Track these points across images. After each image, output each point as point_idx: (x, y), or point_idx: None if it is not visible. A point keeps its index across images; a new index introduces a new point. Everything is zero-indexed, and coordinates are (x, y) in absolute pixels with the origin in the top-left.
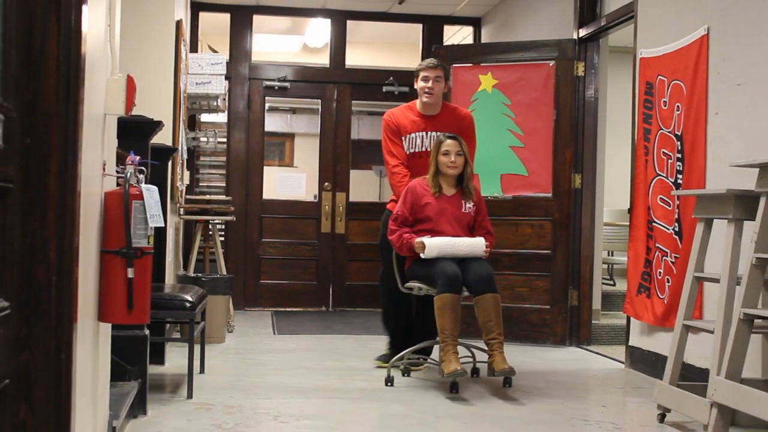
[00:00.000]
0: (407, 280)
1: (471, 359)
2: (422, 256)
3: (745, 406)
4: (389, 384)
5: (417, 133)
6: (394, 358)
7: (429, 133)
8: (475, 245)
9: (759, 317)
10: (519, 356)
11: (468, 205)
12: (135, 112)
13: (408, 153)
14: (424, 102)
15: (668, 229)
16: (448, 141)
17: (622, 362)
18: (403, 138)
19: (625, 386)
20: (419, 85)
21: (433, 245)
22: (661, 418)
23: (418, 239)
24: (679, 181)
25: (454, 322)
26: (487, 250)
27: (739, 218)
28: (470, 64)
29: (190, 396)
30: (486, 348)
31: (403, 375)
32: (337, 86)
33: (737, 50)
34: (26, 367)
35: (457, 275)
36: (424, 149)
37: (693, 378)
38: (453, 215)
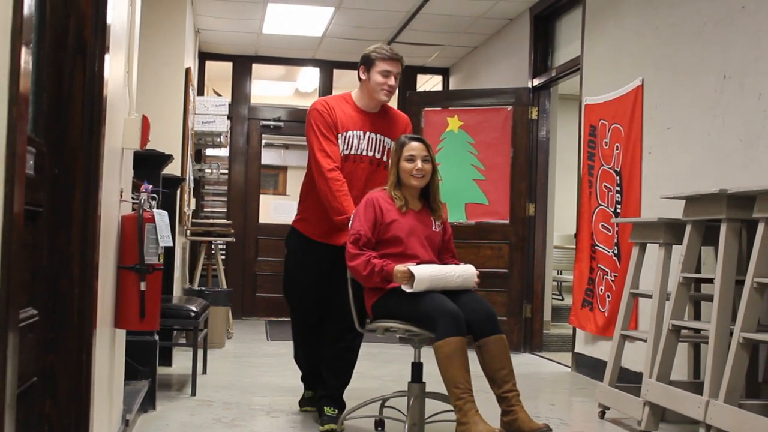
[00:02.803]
0: (367, 318)
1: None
2: (407, 290)
3: (674, 405)
4: None
5: (354, 132)
6: (343, 415)
7: (367, 133)
8: (467, 275)
9: (685, 328)
10: None
11: (437, 223)
12: (149, 146)
13: (341, 156)
14: (382, 101)
15: (608, 252)
16: (413, 144)
17: (569, 366)
18: (339, 136)
19: (571, 387)
20: (376, 79)
21: (424, 276)
22: (601, 414)
23: (401, 267)
24: (618, 211)
25: (467, 372)
26: (477, 281)
27: (669, 243)
28: (439, 108)
29: (193, 393)
30: (500, 403)
31: (377, 429)
32: None
33: (667, 99)
34: (51, 366)
35: (460, 313)
36: (359, 152)
37: (629, 380)
38: (424, 235)
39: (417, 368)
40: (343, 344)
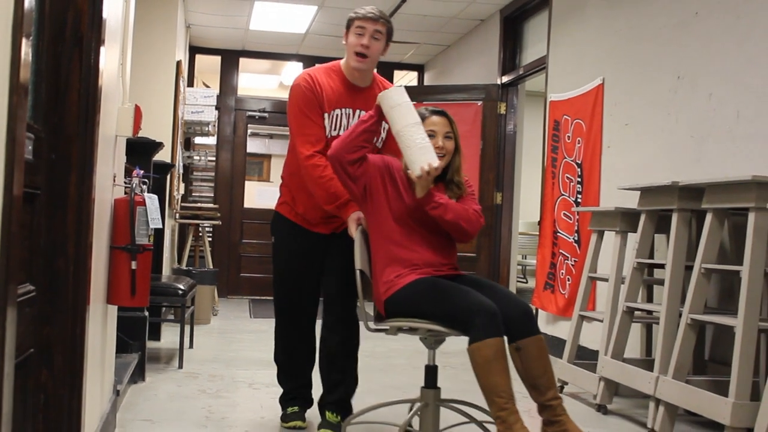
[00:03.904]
0: (356, 300)
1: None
2: (392, 105)
3: (626, 380)
4: None
5: (342, 110)
6: (349, 418)
7: (357, 112)
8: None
9: (638, 309)
10: (450, 339)
11: None
12: (141, 134)
13: (328, 138)
14: (355, 66)
15: (569, 238)
16: (434, 118)
17: None
18: (325, 115)
19: None
20: (350, 40)
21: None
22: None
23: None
24: (579, 200)
25: (508, 378)
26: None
27: (624, 230)
28: (414, 102)
29: (180, 366)
30: (542, 413)
31: None
32: None
33: (625, 97)
34: (48, 339)
35: (497, 310)
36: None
37: (586, 357)
38: (434, 223)
39: (431, 372)
40: (340, 336)
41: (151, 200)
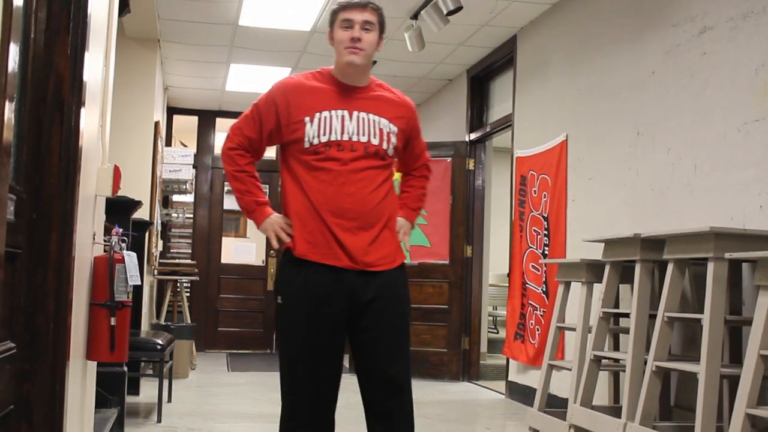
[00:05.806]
0: None
1: None
2: None
3: (595, 427)
4: None
5: (334, 112)
6: None
7: (355, 113)
8: None
9: (605, 358)
10: (424, 389)
11: None
12: (120, 193)
13: (316, 144)
14: (348, 62)
15: (538, 289)
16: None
17: (503, 393)
18: (306, 120)
19: (505, 412)
20: (338, 35)
21: None
22: None
23: None
24: (546, 252)
25: None
26: None
27: (590, 281)
28: None
29: (159, 420)
30: None
31: None
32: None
33: (588, 153)
34: (28, 395)
35: None
36: (346, 138)
37: (556, 405)
38: None
39: None
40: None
41: (130, 258)
